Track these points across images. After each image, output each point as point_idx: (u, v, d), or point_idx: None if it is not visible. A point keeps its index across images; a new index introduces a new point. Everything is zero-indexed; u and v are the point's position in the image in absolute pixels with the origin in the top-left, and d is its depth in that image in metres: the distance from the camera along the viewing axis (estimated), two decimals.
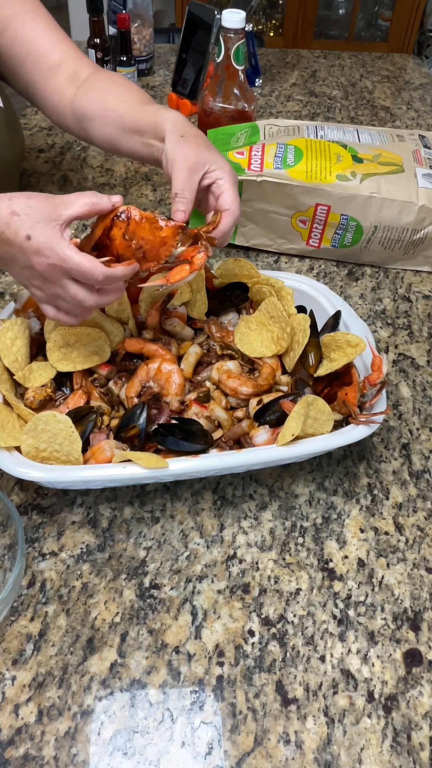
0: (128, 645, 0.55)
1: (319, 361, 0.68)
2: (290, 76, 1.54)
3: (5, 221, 0.55)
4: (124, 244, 0.60)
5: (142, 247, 0.60)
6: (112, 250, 0.61)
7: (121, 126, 0.75)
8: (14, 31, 0.81)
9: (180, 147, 0.65)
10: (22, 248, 0.56)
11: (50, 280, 0.57)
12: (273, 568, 0.61)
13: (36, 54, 0.81)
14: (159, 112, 0.71)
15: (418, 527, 0.66)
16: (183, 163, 0.64)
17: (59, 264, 0.55)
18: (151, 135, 0.71)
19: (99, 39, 1.29)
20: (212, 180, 0.66)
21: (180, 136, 0.66)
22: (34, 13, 0.82)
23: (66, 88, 0.81)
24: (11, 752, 0.49)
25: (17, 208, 0.56)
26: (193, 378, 0.70)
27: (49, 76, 0.82)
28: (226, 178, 0.66)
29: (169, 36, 1.83)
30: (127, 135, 0.75)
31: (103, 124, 0.77)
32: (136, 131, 0.74)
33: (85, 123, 0.80)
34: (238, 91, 1.03)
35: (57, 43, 0.82)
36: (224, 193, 0.66)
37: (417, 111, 1.43)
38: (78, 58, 0.83)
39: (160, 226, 0.60)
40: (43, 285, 0.58)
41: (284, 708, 0.52)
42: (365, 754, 0.50)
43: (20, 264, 0.58)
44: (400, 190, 0.90)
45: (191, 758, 0.49)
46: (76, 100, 0.80)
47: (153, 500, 0.66)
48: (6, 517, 0.56)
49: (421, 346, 0.86)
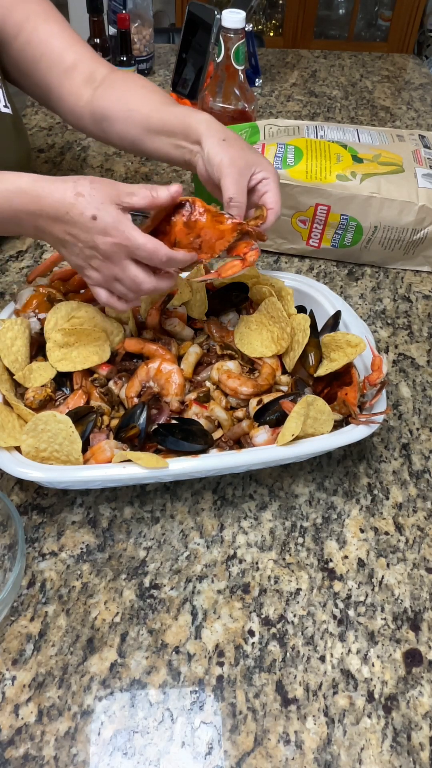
0: (128, 645, 0.55)
1: (319, 361, 0.68)
2: (290, 76, 1.54)
3: (71, 202, 0.57)
4: (183, 232, 0.61)
5: (201, 237, 0.62)
6: (170, 237, 0.62)
7: (146, 127, 0.75)
8: (28, 34, 0.81)
9: (226, 151, 0.66)
10: (88, 228, 0.57)
11: (111, 260, 0.58)
12: (273, 568, 0.61)
13: (50, 56, 0.81)
14: (189, 114, 0.72)
15: (418, 527, 0.66)
16: (232, 168, 0.65)
17: (124, 243, 0.57)
18: (182, 137, 0.72)
19: (99, 39, 1.29)
20: (258, 180, 0.67)
21: (222, 140, 0.67)
22: (46, 15, 0.82)
23: (82, 89, 0.81)
24: (11, 752, 0.49)
25: (82, 190, 0.57)
26: (193, 378, 0.70)
27: (64, 77, 0.82)
28: (271, 178, 0.67)
29: (169, 36, 1.83)
30: (152, 136, 0.75)
31: (127, 125, 0.77)
32: (164, 132, 0.74)
33: (105, 124, 0.80)
34: (238, 91, 1.03)
35: (71, 44, 0.82)
36: (269, 192, 0.67)
37: (417, 111, 1.43)
38: (93, 59, 0.83)
39: (222, 220, 0.62)
40: (102, 266, 0.59)
41: (284, 708, 0.52)
42: (365, 754, 0.50)
43: (82, 244, 0.59)
44: (400, 190, 0.90)
45: (191, 758, 0.49)
46: (95, 100, 0.80)
47: (153, 500, 0.66)
48: (6, 517, 0.56)
49: (421, 346, 0.86)
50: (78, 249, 0.60)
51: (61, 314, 0.67)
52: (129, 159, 1.18)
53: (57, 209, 0.58)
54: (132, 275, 0.59)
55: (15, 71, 0.86)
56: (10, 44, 0.82)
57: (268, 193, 0.67)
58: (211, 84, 1.05)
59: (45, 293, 0.71)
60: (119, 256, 0.58)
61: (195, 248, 0.62)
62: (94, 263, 0.60)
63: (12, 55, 0.83)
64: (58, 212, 0.58)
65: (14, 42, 0.82)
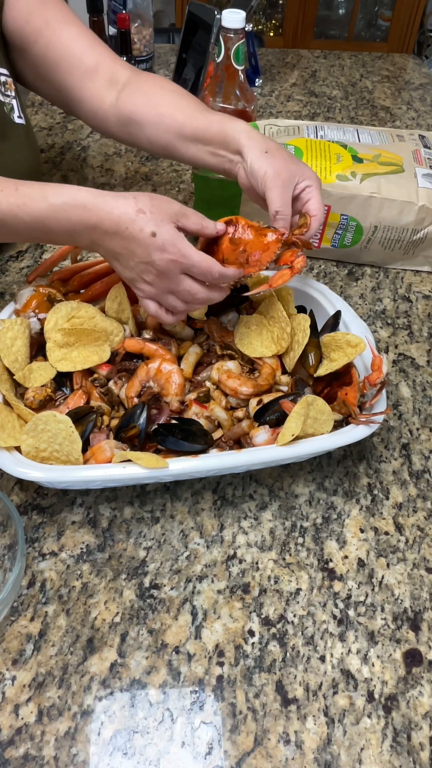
0: (128, 645, 0.55)
1: (319, 361, 0.68)
2: (290, 76, 1.54)
3: (131, 218, 0.59)
4: (230, 249, 0.65)
5: (247, 251, 0.65)
6: (218, 255, 0.66)
7: (180, 134, 0.76)
8: (48, 38, 0.81)
9: (270, 164, 0.67)
10: (146, 244, 0.59)
11: (167, 275, 0.61)
12: (273, 568, 0.61)
13: (71, 58, 0.81)
14: (226, 123, 0.72)
15: (418, 527, 0.66)
16: (277, 180, 0.66)
17: (180, 260, 0.60)
18: (221, 146, 0.72)
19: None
20: (301, 189, 0.69)
21: (264, 152, 0.68)
22: (65, 19, 0.82)
23: (105, 92, 0.81)
24: (11, 752, 0.49)
25: (143, 207, 0.60)
26: (193, 378, 0.70)
27: (86, 80, 0.82)
28: (314, 185, 0.69)
29: (169, 36, 1.83)
30: (187, 143, 0.76)
31: (159, 131, 0.77)
32: (200, 140, 0.74)
33: (133, 127, 0.80)
34: (238, 91, 1.03)
35: (92, 46, 0.82)
36: (312, 200, 0.69)
37: (417, 111, 1.43)
38: (114, 61, 0.83)
39: (265, 233, 0.66)
40: (156, 280, 0.62)
41: (284, 708, 0.52)
42: (365, 754, 0.50)
43: (138, 259, 0.61)
44: (400, 190, 0.90)
45: (191, 758, 0.49)
46: (121, 104, 0.80)
47: (153, 500, 0.66)
48: (6, 517, 0.56)
49: (421, 346, 0.86)
50: (133, 263, 0.62)
51: (61, 314, 0.67)
52: (129, 159, 1.18)
53: (117, 224, 0.60)
54: (187, 287, 0.62)
55: (34, 75, 0.86)
56: (29, 49, 0.82)
57: (311, 201, 0.69)
58: (211, 84, 1.05)
59: (45, 293, 0.71)
60: (174, 272, 0.61)
61: (242, 263, 0.65)
62: (147, 277, 0.62)
63: (31, 59, 0.83)
64: (119, 227, 0.60)
65: (34, 46, 0.82)
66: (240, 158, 0.71)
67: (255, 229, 0.66)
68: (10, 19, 0.81)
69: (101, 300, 0.72)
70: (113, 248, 0.62)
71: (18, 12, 0.80)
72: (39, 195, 0.60)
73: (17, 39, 0.82)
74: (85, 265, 0.76)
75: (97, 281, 0.74)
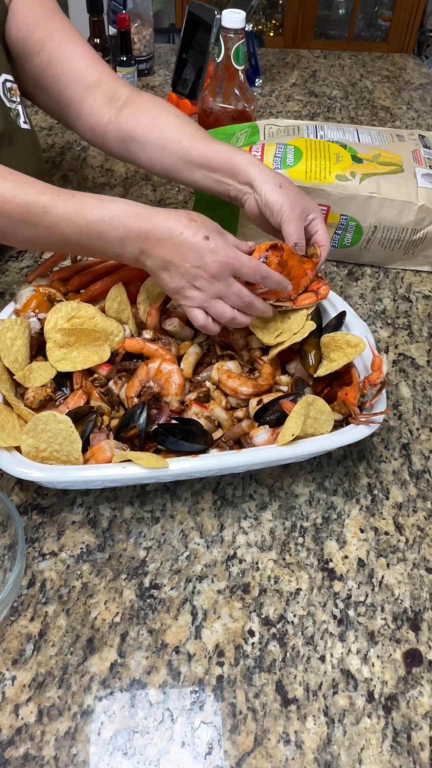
0: (128, 645, 0.55)
1: (319, 361, 0.68)
2: (290, 76, 1.54)
3: (184, 224, 0.63)
4: (277, 270, 0.69)
5: (290, 274, 0.70)
6: None
7: (185, 159, 0.78)
8: (51, 51, 0.82)
9: (285, 198, 0.72)
10: (199, 247, 0.63)
11: (218, 277, 0.64)
12: (273, 568, 0.61)
13: (72, 73, 0.83)
14: (235, 155, 0.76)
15: (418, 527, 0.66)
16: (293, 214, 0.72)
17: (231, 262, 0.63)
18: (228, 175, 0.76)
19: (99, 39, 1.30)
20: (309, 221, 0.75)
21: (278, 186, 0.73)
22: (69, 34, 0.84)
23: (104, 108, 0.83)
24: (11, 752, 0.49)
25: (194, 217, 0.64)
26: (193, 378, 0.70)
27: (86, 95, 0.83)
28: (319, 218, 0.75)
29: (169, 36, 1.83)
30: (192, 168, 0.78)
31: (163, 154, 0.79)
32: (205, 167, 0.77)
33: (134, 146, 0.81)
34: (238, 91, 1.03)
35: (93, 63, 0.84)
36: (319, 231, 0.75)
37: (417, 111, 1.43)
38: (115, 79, 0.84)
39: (303, 260, 0.73)
40: (207, 285, 0.64)
41: (284, 708, 0.52)
42: (365, 754, 0.50)
43: (190, 263, 0.63)
44: (399, 190, 0.90)
45: (191, 758, 0.49)
46: (122, 121, 0.81)
47: (153, 500, 0.66)
48: (6, 517, 0.56)
49: (421, 346, 0.86)
50: (184, 269, 0.64)
51: (61, 314, 0.67)
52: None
53: (171, 230, 0.63)
54: (236, 290, 0.65)
55: (33, 85, 0.87)
56: (31, 59, 0.83)
57: (318, 232, 0.75)
58: (211, 84, 1.05)
59: (45, 293, 0.71)
60: (226, 274, 0.64)
61: None
62: (198, 283, 0.64)
63: (32, 70, 0.84)
64: (172, 233, 0.63)
65: (36, 57, 0.83)
66: (250, 189, 0.75)
67: (296, 256, 0.72)
68: (14, 29, 0.82)
69: (101, 300, 0.72)
70: (164, 256, 0.63)
71: (23, 22, 0.81)
72: (97, 202, 0.63)
73: (19, 48, 0.83)
74: (85, 265, 0.76)
75: (97, 281, 0.74)
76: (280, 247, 0.70)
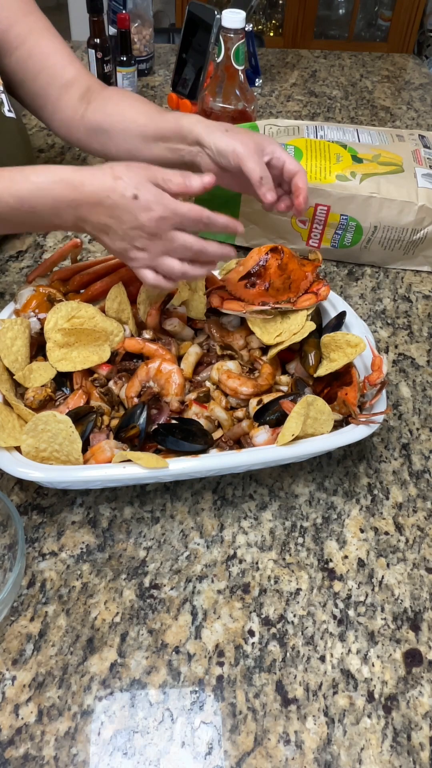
0: (128, 645, 0.55)
1: (318, 362, 0.68)
2: (290, 76, 1.54)
3: (110, 185, 0.60)
4: (277, 273, 0.69)
5: (290, 277, 0.70)
6: (265, 278, 0.70)
7: (143, 136, 0.78)
8: (30, 47, 0.83)
9: (235, 139, 0.69)
10: (131, 207, 0.59)
11: (158, 234, 0.61)
12: (273, 568, 0.61)
13: (51, 70, 0.84)
14: (180, 118, 0.75)
15: (418, 527, 0.66)
16: (248, 151, 0.69)
17: (168, 215, 0.60)
18: (177, 140, 0.75)
19: (99, 39, 1.29)
20: (270, 157, 0.71)
21: (225, 131, 0.70)
22: (48, 31, 0.85)
23: (78, 104, 0.84)
24: (11, 752, 0.49)
25: (119, 173, 0.60)
26: (193, 378, 0.70)
27: (63, 91, 0.84)
28: (279, 149, 0.71)
29: (169, 36, 1.83)
30: (149, 144, 0.78)
31: (125, 137, 0.79)
32: (160, 138, 0.77)
33: (102, 136, 0.82)
34: (238, 91, 1.03)
35: (71, 61, 0.85)
36: (286, 162, 0.71)
37: (417, 111, 1.43)
38: (89, 76, 0.86)
39: (303, 262, 0.72)
40: (149, 244, 0.61)
41: (284, 708, 0.52)
42: (365, 754, 0.50)
43: (126, 225, 0.61)
44: (399, 190, 0.90)
45: (191, 758, 0.49)
46: (89, 114, 0.82)
47: (153, 500, 0.66)
48: (6, 517, 0.56)
49: (421, 346, 0.86)
50: (122, 231, 0.61)
51: (61, 314, 0.67)
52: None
53: (98, 194, 0.60)
54: (181, 242, 0.61)
55: (10, 80, 0.88)
56: (9, 54, 0.84)
57: (285, 163, 0.71)
58: (211, 84, 1.05)
59: (45, 293, 0.71)
60: (165, 229, 0.61)
61: (285, 288, 0.70)
62: (139, 243, 0.62)
63: (9, 65, 0.85)
64: (99, 196, 0.60)
65: (15, 52, 0.84)
66: (199, 148, 0.73)
67: (296, 259, 0.71)
68: None
69: (101, 300, 0.72)
70: (99, 220, 0.62)
71: (3, 16, 0.82)
72: (21, 176, 0.61)
73: None
74: (85, 265, 0.76)
75: (97, 281, 0.74)
76: (279, 250, 0.70)
